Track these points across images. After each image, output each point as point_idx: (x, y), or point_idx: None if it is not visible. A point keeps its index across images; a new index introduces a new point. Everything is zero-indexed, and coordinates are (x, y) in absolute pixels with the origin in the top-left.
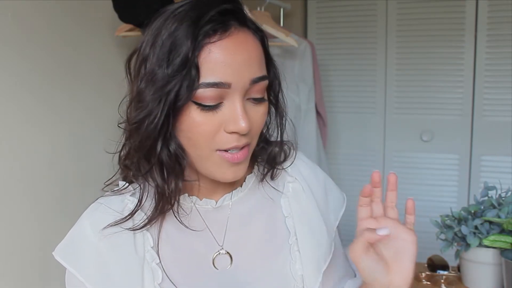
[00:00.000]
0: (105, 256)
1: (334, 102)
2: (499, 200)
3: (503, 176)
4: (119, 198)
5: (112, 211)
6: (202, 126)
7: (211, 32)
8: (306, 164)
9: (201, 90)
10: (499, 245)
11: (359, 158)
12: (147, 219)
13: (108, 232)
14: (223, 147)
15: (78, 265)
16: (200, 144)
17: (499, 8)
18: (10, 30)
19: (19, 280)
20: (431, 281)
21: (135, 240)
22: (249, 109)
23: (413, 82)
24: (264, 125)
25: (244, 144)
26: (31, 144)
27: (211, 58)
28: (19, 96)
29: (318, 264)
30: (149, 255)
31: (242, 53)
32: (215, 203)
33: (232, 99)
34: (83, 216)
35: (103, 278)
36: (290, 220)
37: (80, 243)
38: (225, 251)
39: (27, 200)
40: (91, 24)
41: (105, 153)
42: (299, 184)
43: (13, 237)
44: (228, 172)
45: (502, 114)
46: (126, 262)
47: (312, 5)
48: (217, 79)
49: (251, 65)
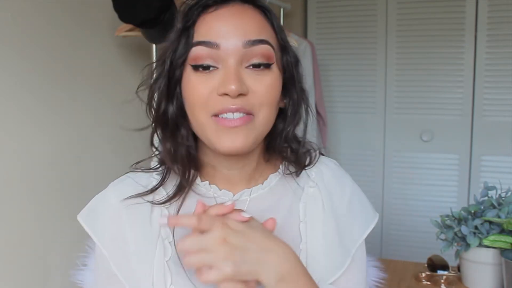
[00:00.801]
0: (125, 224)
1: (334, 102)
2: (499, 200)
3: (503, 176)
4: (146, 175)
5: (137, 185)
6: (197, 88)
7: (210, 3)
8: (333, 172)
9: (194, 49)
10: (499, 245)
11: (359, 158)
12: (168, 196)
13: (129, 203)
14: (216, 109)
15: (97, 230)
16: (197, 109)
17: (499, 8)
18: (10, 30)
19: (19, 280)
20: (431, 281)
21: (152, 215)
22: (249, 77)
23: (413, 82)
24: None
25: (237, 106)
26: (31, 143)
27: (204, 24)
28: (20, 96)
29: (325, 274)
30: (164, 231)
31: (235, 18)
32: (233, 196)
33: (226, 64)
34: (109, 186)
35: (118, 244)
36: (304, 226)
37: (102, 209)
38: None
39: (27, 200)
40: (91, 24)
41: (105, 152)
42: (319, 191)
43: (13, 236)
44: (225, 139)
45: (502, 114)
46: (142, 233)
47: (312, 5)
48: (206, 39)
49: (246, 29)
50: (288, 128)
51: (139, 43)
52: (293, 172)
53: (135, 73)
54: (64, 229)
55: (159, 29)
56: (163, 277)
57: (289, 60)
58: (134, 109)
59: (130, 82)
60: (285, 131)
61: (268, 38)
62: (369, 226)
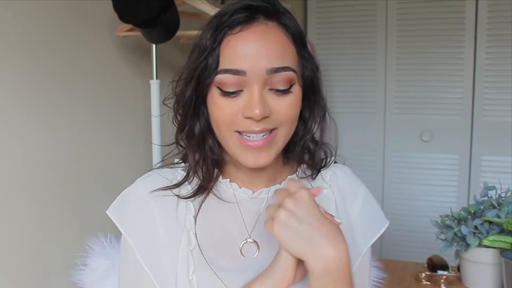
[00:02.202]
0: (154, 213)
1: (334, 102)
2: (499, 200)
3: (503, 176)
4: (172, 171)
5: (163, 179)
6: (223, 109)
7: (234, 24)
8: (348, 177)
9: (220, 76)
10: (499, 245)
11: (359, 158)
12: (193, 191)
13: (158, 194)
14: (240, 128)
15: (124, 221)
16: (221, 125)
17: (499, 8)
18: (10, 30)
19: (19, 280)
20: (431, 281)
21: (178, 207)
22: (271, 99)
23: (413, 82)
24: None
25: (261, 129)
26: (31, 143)
27: (229, 47)
28: (20, 96)
29: None
30: (189, 223)
31: (259, 42)
32: (252, 193)
33: (251, 87)
34: (137, 180)
35: (146, 233)
36: None
37: (131, 201)
38: (252, 239)
39: (27, 199)
40: (91, 24)
41: (105, 152)
42: (332, 192)
43: (13, 236)
44: (248, 157)
45: (502, 114)
46: (170, 223)
47: (312, 5)
48: (233, 66)
49: (269, 54)
50: (307, 136)
51: (139, 43)
52: (308, 176)
53: (135, 73)
54: (64, 229)
55: (159, 29)
56: (187, 266)
57: (308, 72)
58: (134, 109)
59: (130, 82)
60: (304, 137)
61: (290, 62)
62: (379, 230)
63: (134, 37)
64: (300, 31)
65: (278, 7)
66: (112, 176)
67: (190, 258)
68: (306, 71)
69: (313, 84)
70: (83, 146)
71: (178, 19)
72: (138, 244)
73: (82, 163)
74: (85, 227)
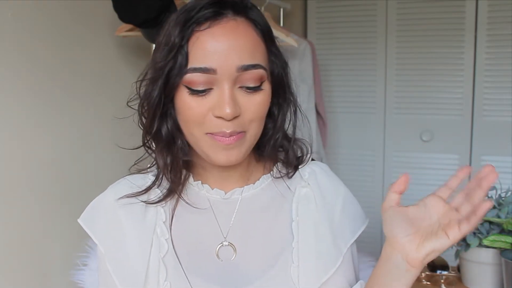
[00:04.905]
0: (121, 221)
1: (334, 102)
2: (499, 200)
3: (503, 176)
4: (142, 176)
5: (133, 185)
6: (192, 109)
7: (201, 20)
8: (327, 175)
9: (189, 75)
10: (499, 245)
11: (359, 158)
12: (162, 195)
13: (124, 202)
14: (211, 130)
15: (95, 228)
16: (191, 126)
17: (499, 8)
18: (10, 30)
19: (19, 280)
20: (431, 281)
21: (146, 213)
22: (241, 97)
23: (413, 82)
24: (280, 118)
25: (231, 130)
26: (31, 143)
27: (198, 44)
28: (20, 96)
29: (317, 272)
30: (160, 229)
31: (229, 39)
32: (224, 194)
33: (221, 85)
34: (108, 188)
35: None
36: (296, 225)
37: (100, 209)
38: (228, 242)
39: (27, 199)
40: (91, 24)
41: (105, 152)
42: (311, 191)
43: (13, 236)
44: (220, 155)
45: (502, 114)
46: (138, 230)
47: (312, 5)
48: (202, 65)
49: (239, 52)
50: (278, 133)
51: (139, 43)
52: (284, 175)
53: (135, 73)
54: (64, 229)
55: (159, 29)
56: (158, 273)
57: (278, 69)
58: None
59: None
60: (274, 135)
61: (261, 60)
62: (360, 228)
63: (134, 37)
64: (268, 27)
65: (246, 2)
66: (112, 176)
67: (161, 266)
68: (276, 68)
69: (282, 81)
70: (83, 146)
71: None
72: (108, 252)
73: (82, 163)
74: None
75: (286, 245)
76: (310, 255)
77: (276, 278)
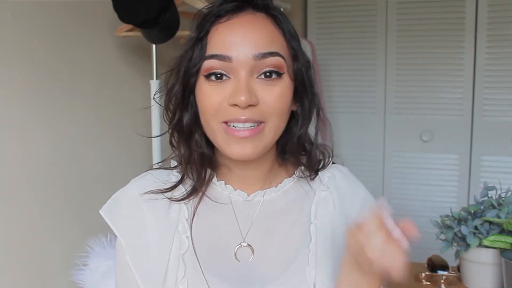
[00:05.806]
0: (144, 215)
1: (334, 102)
2: (499, 200)
3: (503, 176)
4: (167, 172)
5: (157, 180)
6: (209, 98)
7: (222, 13)
8: (347, 179)
9: (206, 62)
10: (499, 245)
11: (359, 158)
12: (186, 193)
13: (149, 197)
14: (226, 118)
15: (117, 221)
16: (208, 116)
17: (499, 8)
18: (10, 30)
19: (19, 280)
20: (431, 281)
21: (170, 210)
22: (259, 88)
23: (413, 82)
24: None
25: (246, 117)
26: (32, 142)
27: (216, 35)
28: (20, 95)
29: (332, 277)
30: (182, 226)
31: (246, 30)
32: (247, 196)
33: (237, 74)
34: (131, 181)
35: (137, 235)
36: (314, 227)
37: (123, 202)
38: (247, 243)
39: (27, 199)
40: (91, 24)
41: (106, 152)
42: (330, 194)
43: (13, 236)
44: (234, 147)
45: (502, 114)
46: (160, 226)
47: (312, 5)
48: (218, 52)
49: (256, 41)
50: (300, 132)
51: (139, 43)
52: (307, 176)
53: (135, 73)
54: (64, 229)
55: (159, 29)
56: (177, 270)
57: (300, 67)
58: (133, 108)
59: (130, 82)
60: (297, 134)
61: (279, 49)
62: None
63: (134, 37)
64: (290, 25)
65: (267, 2)
66: (112, 176)
67: (181, 263)
68: (297, 63)
69: (304, 79)
70: (83, 146)
71: (178, 19)
72: (128, 245)
73: (82, 163)
74: (85, 227)
75: (303, 248)
76: (326, 257)
77: (291, 279)
